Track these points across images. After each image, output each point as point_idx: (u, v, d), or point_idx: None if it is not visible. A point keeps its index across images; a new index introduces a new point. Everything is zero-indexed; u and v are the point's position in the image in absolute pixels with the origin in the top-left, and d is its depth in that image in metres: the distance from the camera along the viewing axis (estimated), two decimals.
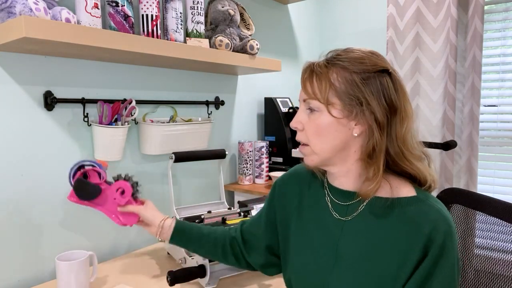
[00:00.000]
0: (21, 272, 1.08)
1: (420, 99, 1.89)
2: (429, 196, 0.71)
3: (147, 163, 1.41)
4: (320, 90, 0.70)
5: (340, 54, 0.72)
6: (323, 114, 0.71)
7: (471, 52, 1.74)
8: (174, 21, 1.28)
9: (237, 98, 1.81)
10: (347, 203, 0.75)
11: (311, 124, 0.73)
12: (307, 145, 0.74)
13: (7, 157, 1.04)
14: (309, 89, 0.72)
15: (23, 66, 1.06)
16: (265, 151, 1.75)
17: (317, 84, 0.71)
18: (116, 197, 0.93)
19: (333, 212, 0.77)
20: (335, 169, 0.76)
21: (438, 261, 0.65)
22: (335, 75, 0.70)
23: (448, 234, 0.66)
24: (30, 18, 0.85)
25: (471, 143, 1.77)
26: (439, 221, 0.66)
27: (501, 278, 0.84)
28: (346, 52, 0.72)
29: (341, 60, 0.70)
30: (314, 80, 0.71)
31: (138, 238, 1.39)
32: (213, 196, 1.68)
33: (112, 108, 1.19)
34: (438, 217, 0.66)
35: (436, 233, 0.65)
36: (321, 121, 0.71)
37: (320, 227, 0.78)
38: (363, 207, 0.73)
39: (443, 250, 0.65)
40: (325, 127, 0.71)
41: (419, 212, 0.68)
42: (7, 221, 1.04)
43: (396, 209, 0.70)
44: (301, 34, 2.22)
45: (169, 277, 0.93)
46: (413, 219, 0.68)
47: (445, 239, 0.65)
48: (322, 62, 0.72)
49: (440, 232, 0.65)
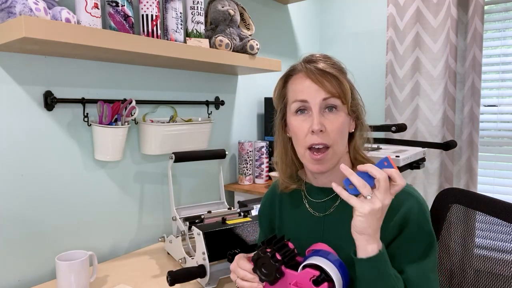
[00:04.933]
0: (21, 272, 1.08)
1: (420, 99, 1.89)
2: None
3: (147, 163, 1.41)
4: (344, 90, 0.74)
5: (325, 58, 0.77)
6: (342, 113, 0.75)
7: (471, 52, 1.74)
8: (174, 21, 1.28)
9: (237, 98, 1.81)
10: (324, 199, 0.80)
11: (333, 123, 0.73)
12: (327, 148, 0.74)
13: (7, 157, 1.04)
14: (330, 88, 0.73)
15: (23, 66, 1.06)
16: (265, 151, 1.75)
17: (339, 84, 0.73)
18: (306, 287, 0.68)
19: (312, 211, 0.82)
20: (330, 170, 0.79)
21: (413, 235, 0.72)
22: (341, 76, 0.75)
23: (421, 212, 0.72)
24: (30, 18, 0.85)
25: (471, 143, 1.78)
26: (412, 203, 0.73)
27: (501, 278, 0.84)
28: (326, 57, 0.78)
29: (334, 64, 0.77)
30: (331, 80, 0.73)
31: (138, 238, 1.39)
32: (213, 196, 1.68)
33: (112, 108, 1.19)
34: (410, 199, 0.73)
35: (410, 213, 0.72)
36: (342, 120, 0.75)
37: (302, 228, 0.83)
38: (340, 200, 0.78)
39: (417, 225, 0.72)
40: (344, 126, 0.76)
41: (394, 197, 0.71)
42: (7, 221, 1.04)
43: None
44: (301, 34, 2.22)
45: (169, 277, 0.93)
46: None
47: (419, 216, 0.72)
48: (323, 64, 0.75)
49: (413, 212, 0.72)
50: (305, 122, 0.75)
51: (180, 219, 1.18)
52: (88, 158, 1.22)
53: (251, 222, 1.13)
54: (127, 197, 1.34)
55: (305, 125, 0.75)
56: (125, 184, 1.33)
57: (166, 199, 1.48)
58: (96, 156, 1.21)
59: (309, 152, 0.75)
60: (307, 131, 0.74)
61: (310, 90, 0.73)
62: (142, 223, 1.40)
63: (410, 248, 0.72)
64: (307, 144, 0.74)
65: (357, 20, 2.20)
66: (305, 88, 0.74)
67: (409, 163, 1.50)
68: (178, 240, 1.18)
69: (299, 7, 2.18)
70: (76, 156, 1.19)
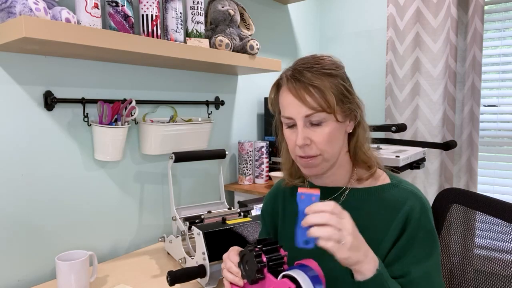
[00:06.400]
0: (21, 272, 1.08)
1: (420, 99, 1.89)
2: (402, 181, 0.79)
3: (147, 163, 1.41)
4: (325, 101, 0.71)
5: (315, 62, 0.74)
6: (330, 122, 0.73)
7: (471, 52, 1.74)
8: (174, 21, 1.28)
9: (237, 98, 1.81)
10: (328, 199, 0.79)
11: (319, 136, 0.73)
12: (317, 155, 0.75)
13: (7, 157, 1.04)
14: (313, 103, 0.71)
15: (23, 66, 1.06)
16: (265, 151, 1.75)
17: (319, 96, 0.71)
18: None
19: None
20: (329, 171, 0.79)
21: (416, 235, 0.72)
22: (327, 83, 0.72)
23: (423, 211, 0.73)
24: (30, 18, 0.85)
25: (471, 143, 1.78)
26: (414, 202, 0.74)
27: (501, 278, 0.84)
28: (319, 60, 0.75)
29: (323, 68, 0.73)
30: (314, 93, 0.71)
31: (138, 238, 1.39)
32: (213, 196, 1.68)
33: (112, 108, 1.19)
34: (413, 197, 0.74)
35: (412, 212, 0.73)
36: (330, 130, 0.73)
37: None
38: (343, 198, 0.79)
39: (419, 225, 0.72)
40: (334, 134, 0.74)
41: (396, 197, 0.75)
42: (7, 221, 1.04)
43: (374, 196, 0.78)
44: (301, 34, 2.22)
45: (169, 277, 0.93)
46: (391, 204, 0.75)
47: (421, 215, 0.73)
48: (308, 74, 0.72)
49: (416, 211, 0.73)
50: (292, 135, 0.76)
51: (180, 219, 1.18)
52: (88, 158, 1.22)
53: (251, 222, 1.13)
54: (127, 197, 1.34)
55: (293, 137, 0.76)
56: (125, 184, 1.33)
57: (166, 199, 1.48)
58: (96, 156, 1.21)
59: (299, 158, 0.76)
60: (295, 144, 0.75)
61: (293, 107, 0.73)
62: (142, 223, 1.40)
63: (413, 248, 0.72)
64: (295, 155, 0.77)
65: (357, 20, 2.20)
66: (289, 104, 0.74)
67: (409, 163, 1.50)
68: (178, 240, 1.18)
69: (299, 7, 2.18)
70: (76, 156, 1.19)
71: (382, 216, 0.75)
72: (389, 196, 0.76)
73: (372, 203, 0.77)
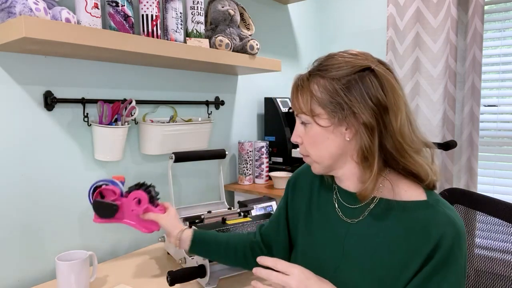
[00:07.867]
0: (21, 272, 1.08)
1: (420, 99, 1.89)
2: (440, 201, 0.69)
3: (147, 163, 1.40)
4: (304, 103, 0.72)
5: (321, 63, 0.73)
6: (313, 125, 0.73)
7: (471, 52, 1.74)
8: (174, 21, 1.28)
9: (237, 98, 1.81)
10: (354, 205, 0.76)
11: (306, 136, 0.75)
12: (307, 156, 0.77)
13: (7, 157, 1.04)
14: (296, 104, 0.75)
15: (23, 66, 1.06)
16: (265, 151, 1.75)
17: (301, 98, 0.73)
18: (133, 207, 0.95)
19: (340, 213, 0.78)
20: (340, 173, 0.77)
21: (442, 267, 0.64)
22: (315, 86, 0.71)
23: (456, 241, 0.64)
24: (30, 18, 0.85)
25: (471, 143, 1.77)
26: (448, 228, 0.65)
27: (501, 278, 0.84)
28: (327, 60, 0.73)
29: (321, 69, 0.71)
30: (298, 95, 0.74)
31: (138, 238, 1.38)
32: (213, 196, 1.67)
33: (112, 108, 1.19)
34: (448, 223, 0.65)
35: (443, 240, 0.64)
36: (313, 132, 0.73)
37: (326, 228, 0.79)
38: (370, 210, 0.73)
39: (449, 255, 0.64)
40: (318, 137, 0.73)
41: (429, 218, 0.66)
42: (7, 221, 1.04)
43: (405, 213, 0.69)
44: (301, 34, 2.22)
45: (169, 277, 0.93)
46: (422, 225, 0.66)
47: (453, 245, 0.64)
48: (305, 75, 0.74)
49: (448, 239, 0.64)
50: None
51: (180, 219, 1.17)
52: (88, 158, 1.22)
53: (251, 222, 1.13)
54: None
55: None
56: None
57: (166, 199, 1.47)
58: (96, 156, 1.21)
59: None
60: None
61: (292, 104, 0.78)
62: None
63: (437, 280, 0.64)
64: None
65: (357, 20, 2.20)
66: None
67: None
68: None
69: (299, 7, 2.18)
70: (76, 156, 1.19)
71: (410, 235, 0.67)
72: (422, 216, 0.67)
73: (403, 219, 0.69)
